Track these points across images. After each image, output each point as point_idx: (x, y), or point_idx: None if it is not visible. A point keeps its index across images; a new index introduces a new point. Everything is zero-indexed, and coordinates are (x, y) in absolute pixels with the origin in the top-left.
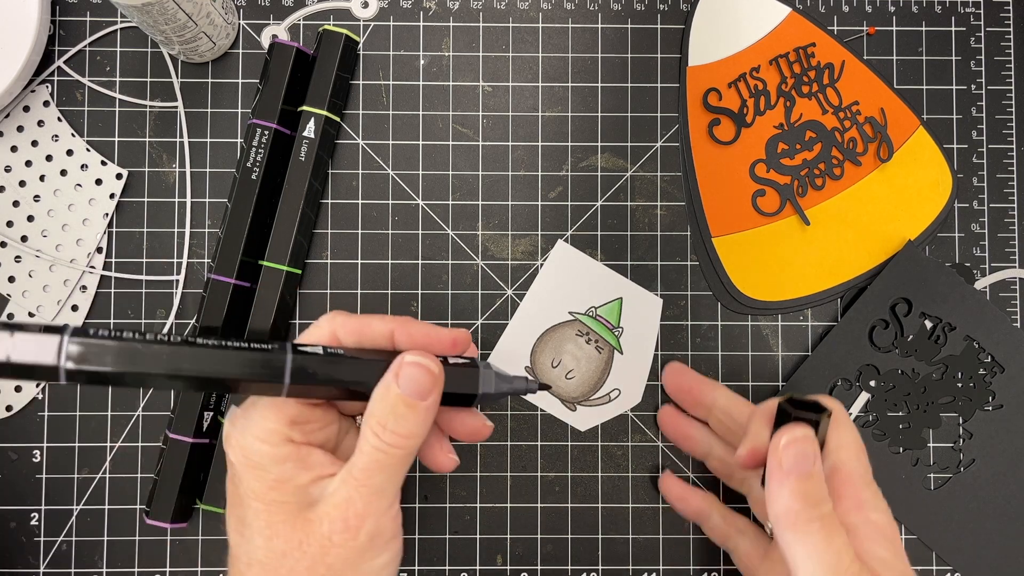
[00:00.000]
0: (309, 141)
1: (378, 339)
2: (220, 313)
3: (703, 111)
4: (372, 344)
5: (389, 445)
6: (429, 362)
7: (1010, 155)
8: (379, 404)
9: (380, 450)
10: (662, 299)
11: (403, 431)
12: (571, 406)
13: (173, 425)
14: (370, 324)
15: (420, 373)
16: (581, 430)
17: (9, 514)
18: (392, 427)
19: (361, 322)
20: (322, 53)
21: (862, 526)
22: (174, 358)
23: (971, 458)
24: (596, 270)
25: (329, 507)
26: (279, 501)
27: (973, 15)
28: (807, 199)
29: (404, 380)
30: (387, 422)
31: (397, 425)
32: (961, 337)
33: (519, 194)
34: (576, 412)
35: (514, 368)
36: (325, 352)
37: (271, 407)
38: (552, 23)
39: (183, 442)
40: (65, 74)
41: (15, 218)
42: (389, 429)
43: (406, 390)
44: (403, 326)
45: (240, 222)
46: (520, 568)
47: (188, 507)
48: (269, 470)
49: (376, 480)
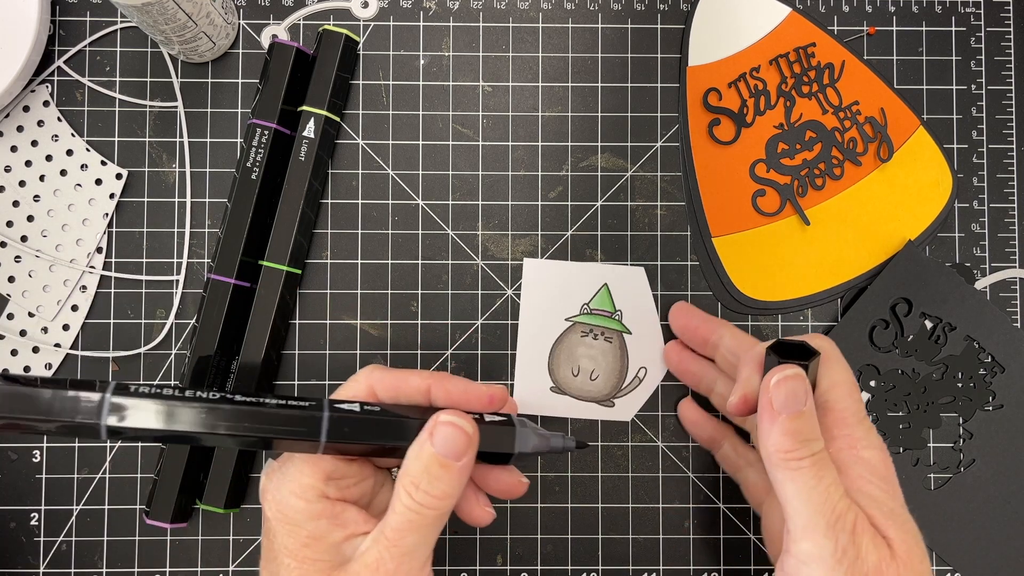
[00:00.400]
0: (309, 141)
1: (414, 395)
2: (220, 313)
3: (703, 111)
4: (408, 400)
5: (422, 505)
6: (464, 422)
7: (1010, 155)
8: (413, 463)
9: (413, 510)
10: (643, 268)
11: (437, 491)
12: (608, 403)
13: None
14: (407, 380)
15: (455, 433)
16: (626, 421)
17: (9, 514)
18: (426, 487)
19: (398, 377)
20: (322, 53)
21: (854, 464)
22: (211, 417)
23: (971, 458)
24: (571, 270)
25: (360, 566)
26: (312, 558)
27: (973, 15)
28: (807, 199)
29: (439, 440)
30: (421, 482)
31: (431, 486)
32: (961, 337)
33: (519, 194)
34: (615, 407)
35: (541, 399)
36: (362, 409)
37: (307, 462)
38: (552, 23)
39: None
40: (65, 74)
41: (15, 218)
42: (423, 489)
43: (440, 450)
44: (440, 382)
45: (240, 222)
46: (520, 568)
47: (188, 507)
48: (303, 526)
49: (408, 540)
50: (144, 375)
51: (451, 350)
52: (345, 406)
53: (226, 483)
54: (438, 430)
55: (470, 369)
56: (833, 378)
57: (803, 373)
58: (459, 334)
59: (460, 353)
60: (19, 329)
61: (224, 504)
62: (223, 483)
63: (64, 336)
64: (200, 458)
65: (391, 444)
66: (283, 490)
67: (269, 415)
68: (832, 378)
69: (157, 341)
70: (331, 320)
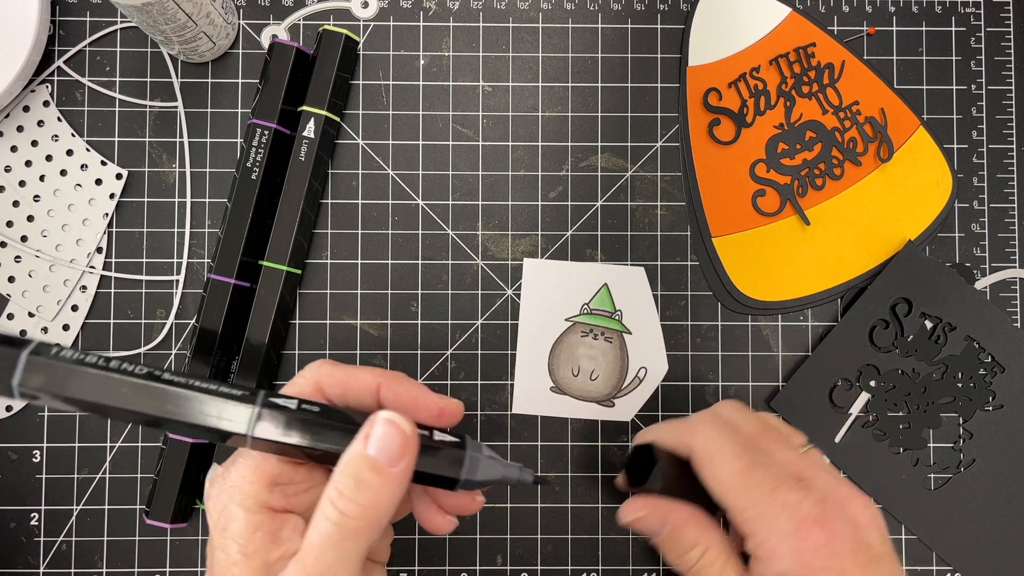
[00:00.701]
0: (309, 141)
1: (363, 393)
2: (220, 313)
3: (703, 111)
4: (357, 399)
5: (344, 515)
6: (404, 422)
7: (1010, 155)
8: (341, 466)
9: (334, 521)
10: (643, 268)
11: (363, 499)
12: (608, 403)
13: None
14: (357, 376)
15: (392, 433)
16: (626, 421)
17: (9, 514)
18: (351, 494)
19: (348, 373)
20: (322, 53)
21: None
22: (133, 394)
23: (971, 458)
24: (571, 269)
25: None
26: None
27: (973, 15)
28: (807, 199)
29: (374, 439)
30: (346, 488)
31: (357, 492)
32: (961, 337)
33: (519, 194)
34: (615, 407)
35: (541, 399)
36: (299, 407)
37: (251, 466)
38: (552, 23)
39: (183, 442)
40: (65, 74)
41: (15, 218)
42: (347, 496)
43: (374, 451)
44: (391, 382)
45: (240, 222)
46: (520, 568)
47: (188, 507)
48: (237, 540)
49: (327, 558)
50: None
51: (451, 350)
52: (281, 401)
53: None
54: (375, 428)
55: (470, 369)
56: (710, 479)
57: (643, 510)
58: (459, 334)
59: (460, 353)
60: (19, 329)
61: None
62: None
63: (64, 336)
64: (200, 458)
65: (323, 448)
66: (223, 497)
67: (194, 399)
68: (709, 479)
69: (157, 341)
70: (331, 320)
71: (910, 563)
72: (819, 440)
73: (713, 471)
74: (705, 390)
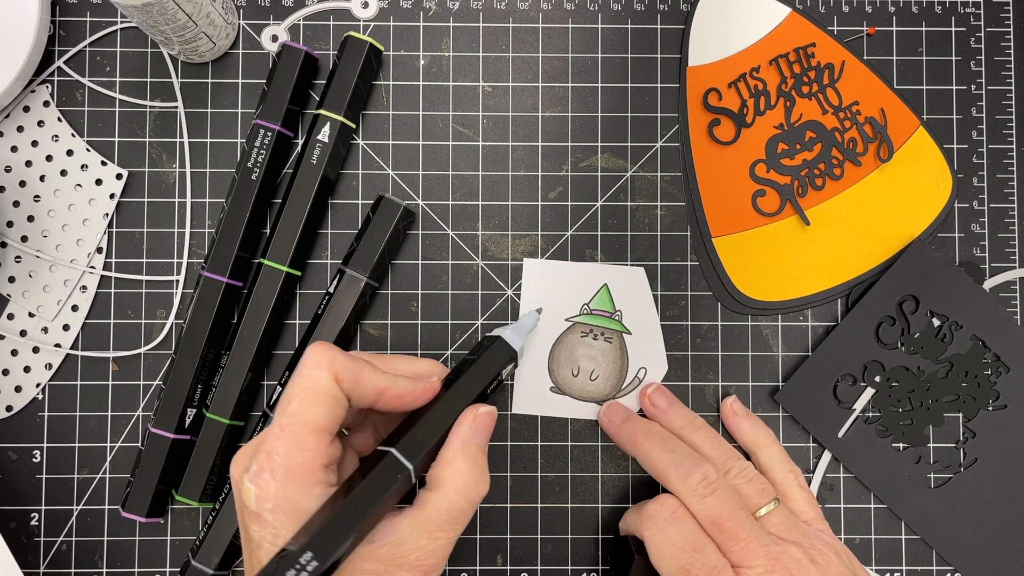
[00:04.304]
0: (323, 145)
1: (368, 393)
2: (210, 311)
3: (703, 111)
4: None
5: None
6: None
7: (1010, 155)
8: (465, 466)
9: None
10: (643, 268)
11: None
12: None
13: (155, 420)
14: (366, 377)
15: (492, 420)
16: None
17: (9, 514)
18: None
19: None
20: (344, 59)
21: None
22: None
23: (973, 458)
24: (571, 270)
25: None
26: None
27: (973, 15)
28: (807, 199)
29: (480, 430)
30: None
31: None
32: (968, 336)
33: (519, 194)
34: None
35: (541, 399)
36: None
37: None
38: (552, 23)
39: (163, 437)
40: (65, 74)
41: (15, 218)
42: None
43: (481, 439)
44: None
45: (237, 221)
46: (520, 568)
47: (164, 503)
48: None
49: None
50: (144, 375)
51: (451, 350)
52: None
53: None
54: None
55: None
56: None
57: None
58: (459, 334)
59: (460, 353)
60: (19, 329)
61: (204, 500)
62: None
63: (64, 336)
64: (180, 452)
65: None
66: (293, 488)
67: None
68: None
69: (157, 341)
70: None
71: (910, 563)
72: (822, 435)
73: (659, 564)
74: (705, 390)
